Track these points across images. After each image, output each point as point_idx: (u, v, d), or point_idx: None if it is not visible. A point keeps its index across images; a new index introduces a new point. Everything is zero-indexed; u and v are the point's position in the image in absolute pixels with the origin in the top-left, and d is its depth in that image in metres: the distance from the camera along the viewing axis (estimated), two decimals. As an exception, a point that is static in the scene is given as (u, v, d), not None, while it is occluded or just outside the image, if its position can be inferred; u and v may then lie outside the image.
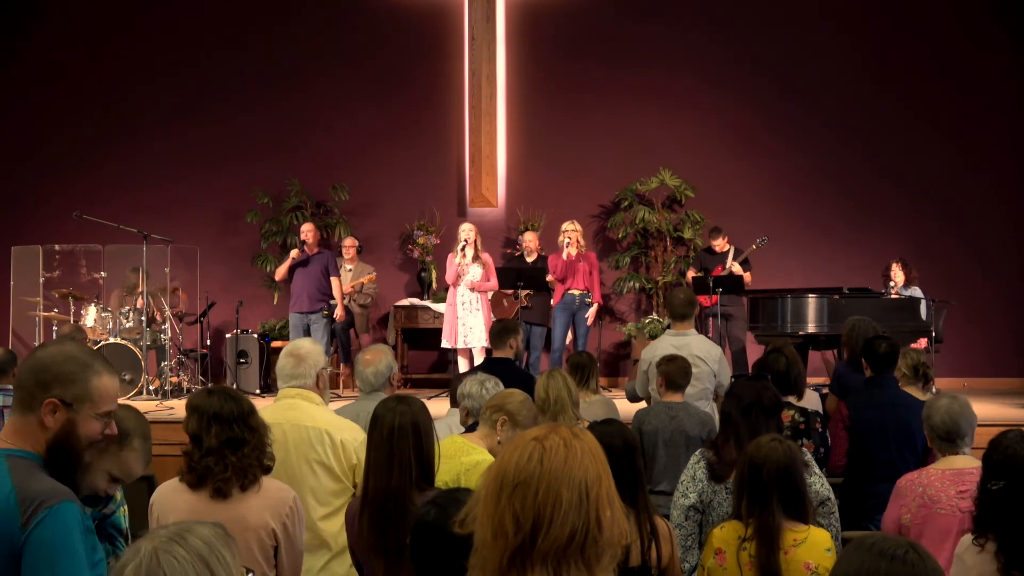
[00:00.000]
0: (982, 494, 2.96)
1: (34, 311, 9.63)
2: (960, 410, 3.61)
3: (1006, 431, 3.06)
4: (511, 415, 3.65)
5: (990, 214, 10.84)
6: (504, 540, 1.60)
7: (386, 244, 10.96)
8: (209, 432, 3.00)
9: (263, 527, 3.00)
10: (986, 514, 2.91)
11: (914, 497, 3.60)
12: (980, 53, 10.95)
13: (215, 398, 3.05)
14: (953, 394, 3.78)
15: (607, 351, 10.76)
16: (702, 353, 5.52)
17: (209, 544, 1.54)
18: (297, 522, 3.08)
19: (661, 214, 10.66)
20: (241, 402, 3.05)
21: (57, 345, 2.19)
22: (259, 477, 3.01)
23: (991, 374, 10.25)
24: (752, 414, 3.60)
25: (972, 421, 3.63)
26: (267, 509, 3.01)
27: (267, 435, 3.08)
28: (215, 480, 2.98)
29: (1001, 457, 2.94)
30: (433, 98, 11.03)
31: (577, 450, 1.63)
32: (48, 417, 2.08)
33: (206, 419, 3.01)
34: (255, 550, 3.00)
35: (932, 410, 3.68)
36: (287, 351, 3.86)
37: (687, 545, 3.58)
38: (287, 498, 3.07)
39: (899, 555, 1.79)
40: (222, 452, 2.98)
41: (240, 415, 3.02)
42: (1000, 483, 2.90)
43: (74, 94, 11.04)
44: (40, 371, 2.10)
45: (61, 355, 2.12)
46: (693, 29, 10.93)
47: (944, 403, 3.66)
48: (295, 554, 3.09)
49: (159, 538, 1.52)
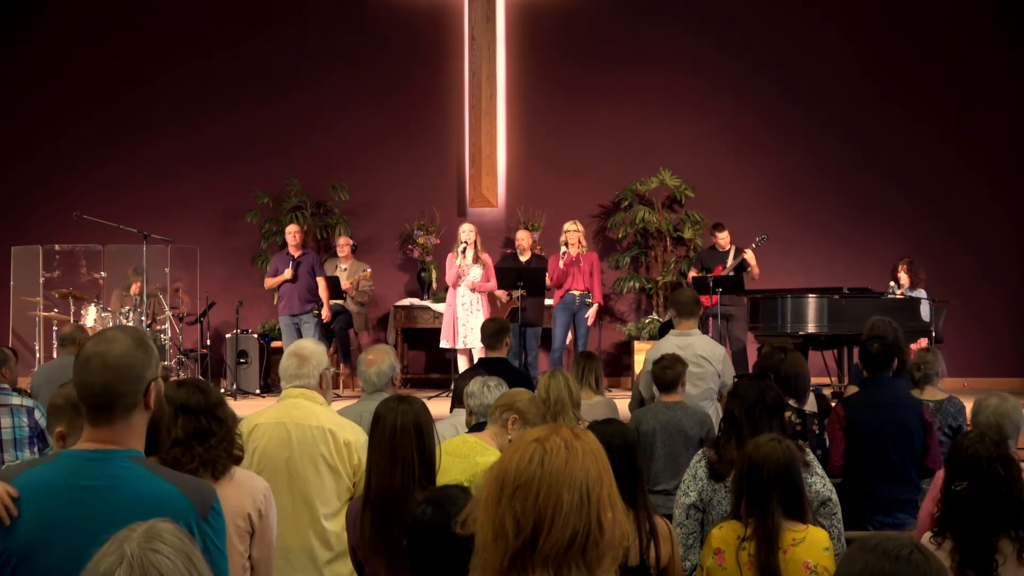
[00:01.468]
0: (945, 495, 3.00)
1: (34, 311, 9.63)
2: (1007, 412, 3.67)
3: (966, 432, 3.15)
4: (521, 413, 3.66)
5: (990, 214, 10.84)
6: (505, 542, 1.60)
7: (386, 244, 10.97)
8: (176, 423, 2.99)
9: (239, 515, 2.99)
10: (948, 514, 2.97)
11: None
12: (980, 53, 10.95)
13: (183, 390, 3.04)
14: (1004, 395, 3.82)
15: (607, 351, 10.76)
16: (706, 353, 5.51)
17: (180, 538, 1.55)
18: (271, 509, 3.08)
19: (661, 214, 10.66)
20: (209, 394, 3.04)
21: (105, 344, 2.13)
22: (228, 468, 3.00)
23: (991, 374, 10.25)
24: (755, 414, 3.62)
25: (1018, 422, 3.67)
26: (242, 497, 3.00)
27: (236, 426, 3.07)
28: (183, 471, 2.99)
29: (963, 458, 2.98)
30: (433, 98, 11.03)
31: (578, 451, 1.62)
32: (151, 397, 2.12)
33: (173, 410, 3.01)
34: (233, 537, 3.00)
35: (980, 408, 3.74)
36: (290, 351, 3.87)
37: (688, 544, 3.60)
38: (260, 487, 3.07)
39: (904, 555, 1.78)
40: (189, 443, 2.97)
41: (207, 406, 3.00)
42: (963, 484, 2.94)
43: (74, 94, 11.03)
44: (127, 369, 2.09)
45: (122, 351, 2.11)
46: (693, 29, 10.93)
47: (994, 402, 3.72)
48: (270, 539, 3.10)
49: (136, 540, 1.51)
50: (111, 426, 2.07)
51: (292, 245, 9.13)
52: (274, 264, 9.27)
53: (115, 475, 2.02)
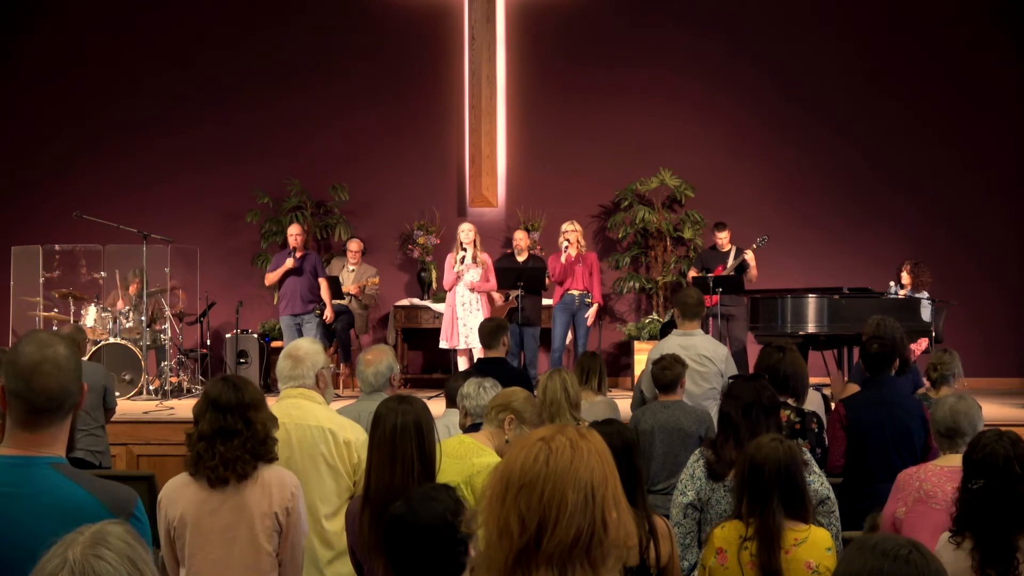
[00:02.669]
0: (963, 493, 2.99)
1: (34, 311, 9.62)
2: (963, 409, 3.65)
3: (984, 431, 3.11)
4: (517, 413, 3.66)
5: (990, 214, 10.84)
6: (509, 540, 1.60)
7: (386, 244, 10.96)
8: (204, 417, 3.02)
9: (267, 513, 3.02)
10: (965, 513, 2.95)
11: (911, 491, 3.62)
12: (980, 53, 10.95)
13: (220, 385, 3.06)
14: (961, 394, 3.83)
15: (607, 351, 10.75)
16: (709, 353, 5.51)
17: (127, 542, 1.54)
18: (300, 507, 3.10)
19: (661, 214, 10.66)
20: (243, 392, 3.03)
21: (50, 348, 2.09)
22: (251, 470, 3.00)
23: (991, 374, 10.24)
24: (752, 414, 3.62)
25: (974, 421, 3.65)
26: (269, 495, 3.02)
27: (268, 429, 3.06)
28: (204, 467, 3.00)
29: (980, 456, 2.97)
30: (433, 98, 11.03)
31: (584, 451, 1.63)
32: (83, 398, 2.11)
33: (206, 403, 3.04)
34: (260, 535, 3.02)
35: (937, 407, 3.75)
36: (286, 352, 3.87)
37: (686, 543, 3.60)
38: (289, 483, 3.08)
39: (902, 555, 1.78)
40: (212, 440, 3.00)
41: (238, 405, 3.00)
42: (979, 482, 2.93)
43: (74, 94, 11.03)
44: (75, 371, 2.09)
45: (68, 352, 2.09)
46: (693, 29, 10.93)
47: (950, 401, 3.71)
48: (299, 537, 3.12)
49: (81, 543, 1.51)
50: (40, 431, 2.05)
51: (293, 246, 9.10)
52: (275, 261, 9.25)
53: (33, 482, 2.00)
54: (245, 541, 3.02)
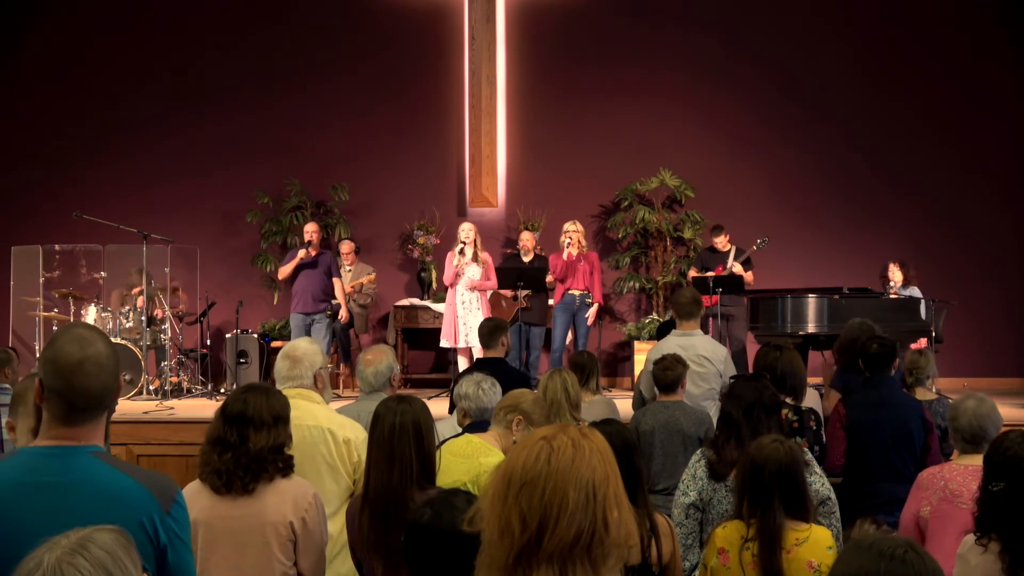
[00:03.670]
0: (983, 495, 2.97)
1: (34, 311, 9.62)
2: (986, 412, 3.63)
3: (1007, 432, 3.06)
4: (526, 414, 3.66)
5: (990, 214, 10.84)
6: (510, 539, 1.60)
7: (386, 244, 10.97)
8: (214, 425, 3.04)
9: (280, 522, 2.98)
10: (988, 515, 2.92)
11: (935, 491, 3.61)
12: (980, 54, 10.95)
13: (236, 393, 3.07)
14: (980, 396, 3.76)
15: (607, 351, 10.76)
16: (708, 353, 5.51)
17: (111, 552, 1.54)
18: (318, 517, 3.07)
19: (661, 214, 10.66)
20: (249, 407, 3.00)
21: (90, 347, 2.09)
22: (244, 483, 2.97)
23: (991, 374, 10.25)
24: (754, 414, 3.62)
25: (998, 423, 3.64)
26: (284, 504, 3.00)
27: (275, 443, 3.01)
28: (206, 472, 3.01)
29: (1002, 458, 2.95)
30: (433, 98, 11.03)
31: (585, 450, 1.63)
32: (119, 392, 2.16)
33: (220, 410, 3.05)
34: (273, 545, 2.99)
35: (958, 412, 3.69)
36: (283, 353, 3.87)
37: (687, 543, 3.60)
38: (306, 493, 3.06)
39: (898, 555, 1.79)
40: (214, 448, 3.00)
41: (239, 418, 2.99)
42: (1001, 484, 2.90)
43: (74, 94, 11.03)
44: (115, 368, 2.10)
45: (106, 350, 2.11)
46: (693, 29, 10.93)
47: (971, 405, 3.66)
48: (315, 547, 3.08)
49: (61, 548, 1.51)
50: (80, 424, 2.06)
51: (308, 240, 9.00)
52: (290, 256, 9.16)
53: (77, 470, 2.01)
54: (257, 549, 2.98)
